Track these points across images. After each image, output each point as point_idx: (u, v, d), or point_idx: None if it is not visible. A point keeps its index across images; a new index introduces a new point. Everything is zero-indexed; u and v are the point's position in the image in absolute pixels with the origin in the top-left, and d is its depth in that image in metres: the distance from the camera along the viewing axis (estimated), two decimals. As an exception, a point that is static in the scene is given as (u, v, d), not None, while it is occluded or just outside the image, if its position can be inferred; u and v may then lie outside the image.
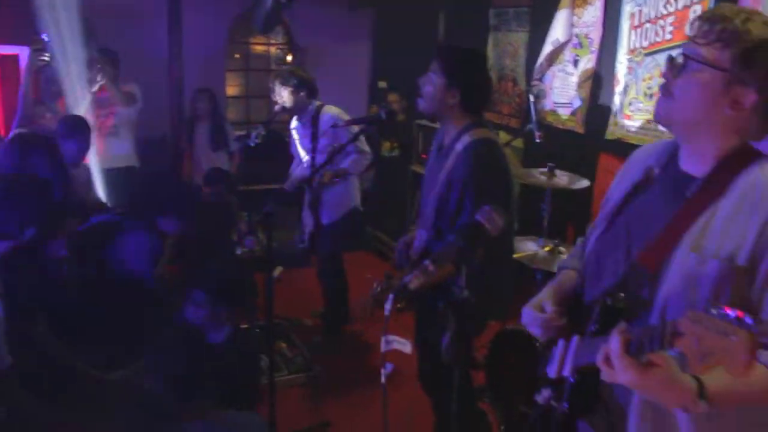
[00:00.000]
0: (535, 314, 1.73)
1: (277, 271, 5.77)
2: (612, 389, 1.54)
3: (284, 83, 4.38)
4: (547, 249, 3.63)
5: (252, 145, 4.71)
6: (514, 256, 3.63)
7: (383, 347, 1.98)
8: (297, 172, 4.73)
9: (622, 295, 1.52)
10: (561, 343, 1.64)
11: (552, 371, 1.64)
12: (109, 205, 4.58)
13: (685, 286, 1.44)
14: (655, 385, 1.31)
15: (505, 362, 3.48)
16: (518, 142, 5.60)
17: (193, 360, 2.27)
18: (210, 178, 4.79)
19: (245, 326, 4.58)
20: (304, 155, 4.61)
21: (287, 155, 5.04)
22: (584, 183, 4.00)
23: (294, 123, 4.62)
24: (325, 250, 4.69)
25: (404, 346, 1.98)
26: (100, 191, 4.92)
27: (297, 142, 4.70)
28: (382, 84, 7.31)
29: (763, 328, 1.06)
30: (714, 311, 1.11)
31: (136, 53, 5.70)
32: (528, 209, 5.54)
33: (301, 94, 4.41)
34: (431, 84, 2.72)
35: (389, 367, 2.11)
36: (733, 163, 1.48)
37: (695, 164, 1.54)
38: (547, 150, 4.67)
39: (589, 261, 1.75)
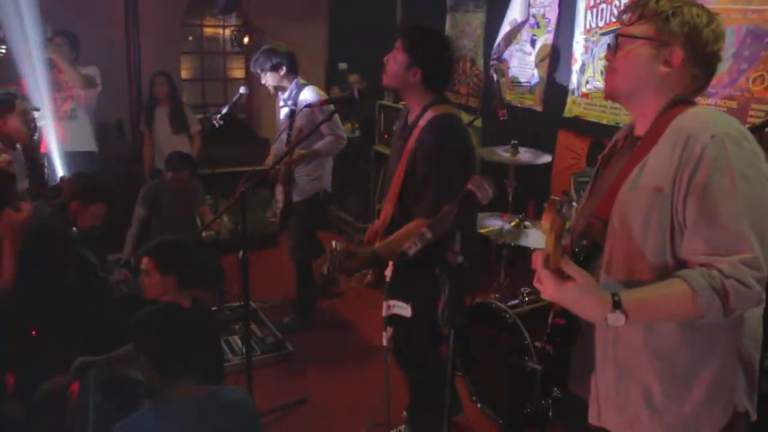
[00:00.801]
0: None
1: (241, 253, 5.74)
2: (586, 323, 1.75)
3: (263, 68, 4.37)
4: (513, 224, 3.73)
5: (217, 126, 4.70)
6: (481, 231, 3.72)
7: (384, 311, 2.05)
8: (274, 147, 4.74)
9: (584, 242, 1.81)
10: None
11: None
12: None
13: (624, 220, 1.70)
14: (573, 297, 1.58)
15: (475, 335, 3.58)
16: (477, 121, 5.70)
17: (176, 337, 2.30)
18: (172, 161, 4.77)
19: (215, 308, 4.63)
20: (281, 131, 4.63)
21: (247, 137, 5.03)
22: (547, 158, 4.12)
23: (280, 102, 4.61)
24: (293, 229, 4.72)
25: (404, 310, 2.06)
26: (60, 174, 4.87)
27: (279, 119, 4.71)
28: (343, 65, 7.32)
29: None
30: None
31: (93, 36, 5.61)
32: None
33: (281, 72, 4.40)
34: (394, 61, 2.80)
35: (390, 331, 2.18)
36: (667, 116, 1.71)
37: (642, 126, 1.78)
38: (507, 128, 4.77)
39: (575, 221, 1.99)
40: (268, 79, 4.42)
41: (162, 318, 2.39)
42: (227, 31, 7.86)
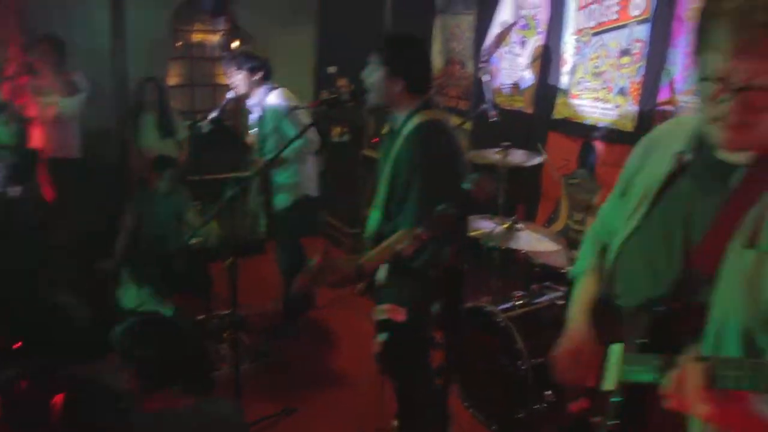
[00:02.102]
0: (572, 363, 1.60)
1: (229, 261, 5.69)
2: (664, 411, 1.28)
3: (240, 66, 4.31)
4: (505, 226, 3.68)
5: (204, 131, 4.64)
6: (471, 234, 3.68)
7: (377, 316, 2.00)
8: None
9: (674, 303, 1.36)
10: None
11: (590, 381, 1.52)
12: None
13: (743, 288, 1.29)
14: (737, 420, 1.19)
15: (467, 340, 3.54)
16: (466, 125, 5.66)
17: (161, 346, 2.24)
18: (157, 164, 4.71)
19: (202, 317, 4.56)
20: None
21: (236, 144, 4.98)
22: (538, 159, 4.06)
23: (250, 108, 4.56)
24: (280, 236, 4.66)
25: (398, 314, 2.01)
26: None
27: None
28: (332, 69, 7.27)
29: None
30: None
31: (78, 42, 5.55)
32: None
33: (257, 76, 4.35)
34: (374, 76, 2.77)
35: (383, 336, 2.15)
36: None
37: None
38: (497, 130, 4.73)
39: (622, 263, 1.58)
40: (241, 80, 4.35)
41: (146, 328, 2.34)
42: (216, 37, 7.82)
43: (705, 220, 1.38)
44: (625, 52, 4.19)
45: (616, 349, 1.45)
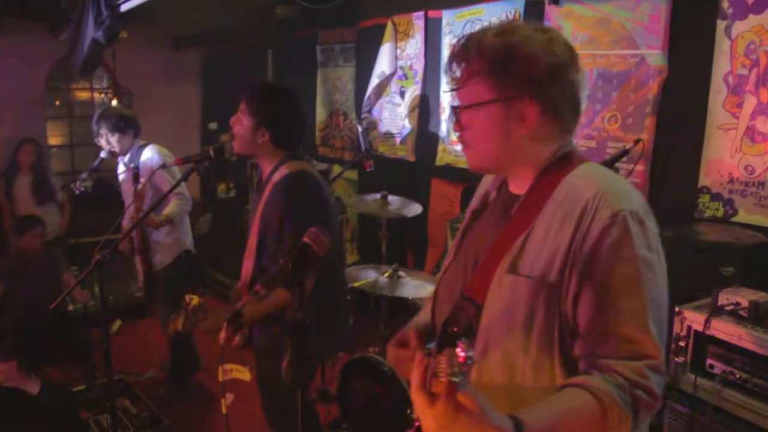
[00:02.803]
0: (397, 351, 1.66)
1: (116, 325, 5.50)
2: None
3: (112, 127, 4.20)
4: (386, 275, 3.68)
5: (77, 193, 4.47)
6: (356, 284, 3.65)
7: (221, 376, 1.93)
8: (125, 218, 4.52)
9: (455, 328, 1.28)
10: None
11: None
12: None
13: (502, 309, 1.38)
14: (466, 430, 1.10)
15: (357, 390, 3.49)
16: (353, 174, 5.69)
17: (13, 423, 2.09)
18: (20, 223, 4.52)
19: (83, 386, 4.33)
20: (128, 198, 4.43)
21: (119, 203, 4.82)
22: (417, 208, 4.10)
23: (121, 166, 4.43)
24: (162, 296, 4.50)
25: (243, 373, 1.94)
26: None
27: (122, 185, 4.51)
28: (213, 125, 7.21)
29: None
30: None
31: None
32: (367, 237, 5.63)
33: (128, 134, 4.25)
34: (240, 125, 2.72)
35: (230, 397, 2.05)
36: (550, 176, 1.43)
37: (520, 185, 1.48)
38: (382, 179, 4.78)
39: (438, 290, 1.67)
40: (114, 141, 4.25)
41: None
42: (97, 95, 7.64)
43: (487, 249, 1.46)
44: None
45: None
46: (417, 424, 1.51)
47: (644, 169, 3.47)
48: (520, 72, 1.36)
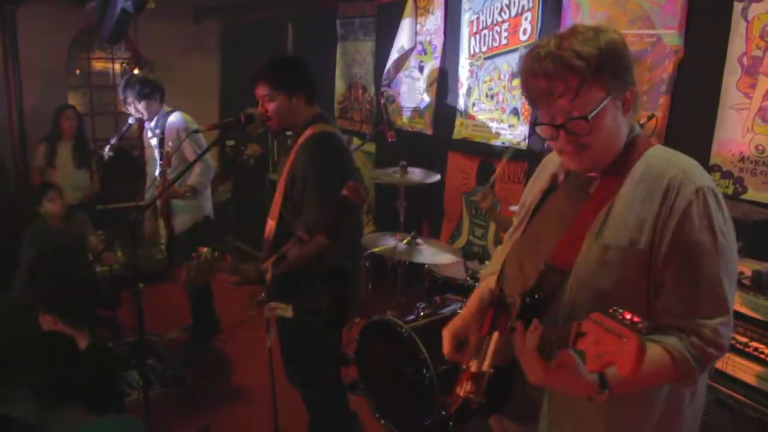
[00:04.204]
0: (456, 341, 1.75)
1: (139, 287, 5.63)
2: (526, 384, 1.49)
3: (137, 94, 4.30)
4: (405, 242, 3.81)
5: (106, 158, 4.60)
6: (375, 250, 3.78)
7: (267, 314, 2.06)
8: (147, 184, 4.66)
9: (537, 295, 1.54)
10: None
11: (475, 366, 1.66)
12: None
13: (590, 277, 1.53)
14: (562, 384, 1.40)
15: (375, 352, 3.62)
16: (370, 147, 5.81)
17: (60, 366, 2.24)
18: (38, 192, 4.66)
19: (111, 344, 4.50)
20: (152, 164, 4.56)
21: (139, 172, 4.95)
22: (436, 177, 4.23)
23: (148, 132, 4.55)
24: (183, 261, 4.63)
25: (285, 311, 2.07)
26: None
27: (147, 151, 4.63)
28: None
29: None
30: (613, 314, 1.18)
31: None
32: (384, 208, 5.75)
33: (154, 99, 4.36)
34: (274, 104, 2.82)
35: (273, 333, 2.18)
36: (628, 156, 1.58)
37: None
38: (399, 151, 4.89)
39: (509, 263, 1.81)
40: (142, 107, 4.35)
41: (46, 344, 2.33)
42: (117, 65, 7.74)
43: (567, 224, 1.61)
44: (515, 75, 4.43)
45: (494, 336, 1.61)
46: (457, 403, 1.66)
47: (657, 146, 3.57)
48: (618, 64, 1.50)
